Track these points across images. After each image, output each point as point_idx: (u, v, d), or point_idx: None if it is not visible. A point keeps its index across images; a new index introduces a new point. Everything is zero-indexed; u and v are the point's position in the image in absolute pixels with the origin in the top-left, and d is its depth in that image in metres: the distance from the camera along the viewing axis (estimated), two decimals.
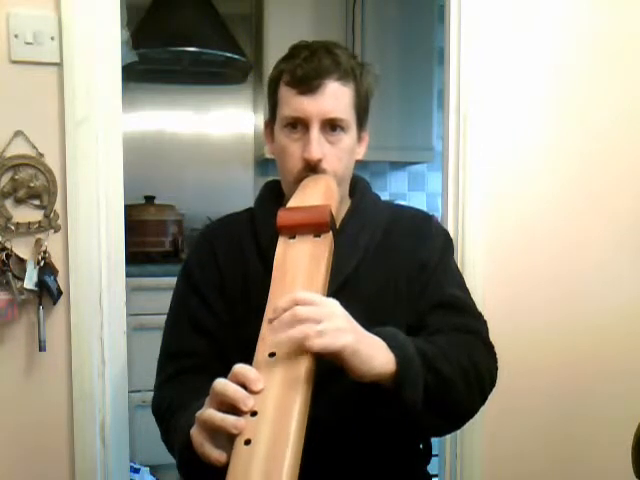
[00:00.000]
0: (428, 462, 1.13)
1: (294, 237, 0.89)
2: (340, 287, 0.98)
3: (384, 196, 1.18)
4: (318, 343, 0.72)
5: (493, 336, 1.08)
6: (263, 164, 3.05)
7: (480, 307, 1.10)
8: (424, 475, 1.11)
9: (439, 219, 1.72)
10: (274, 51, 2.64)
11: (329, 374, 0.77)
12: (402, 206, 1.21)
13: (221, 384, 0.71)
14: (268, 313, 0.79)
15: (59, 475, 1.45)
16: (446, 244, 1.12)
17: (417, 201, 3.30)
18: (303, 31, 2.64)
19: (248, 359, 1.00)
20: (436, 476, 1.72)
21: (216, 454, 0.70)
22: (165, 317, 1.12)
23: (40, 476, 1.45)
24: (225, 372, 0.73)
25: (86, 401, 1.44)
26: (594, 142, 1.71)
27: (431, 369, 0.87)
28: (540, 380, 1.71)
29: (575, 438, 1.74)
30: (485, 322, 1.08)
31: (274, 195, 1.12)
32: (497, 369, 1.03)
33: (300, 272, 0.84)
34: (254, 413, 0.68)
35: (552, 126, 1.69)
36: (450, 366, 0.90)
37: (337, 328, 0.75)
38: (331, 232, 0.90)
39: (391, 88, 2.74)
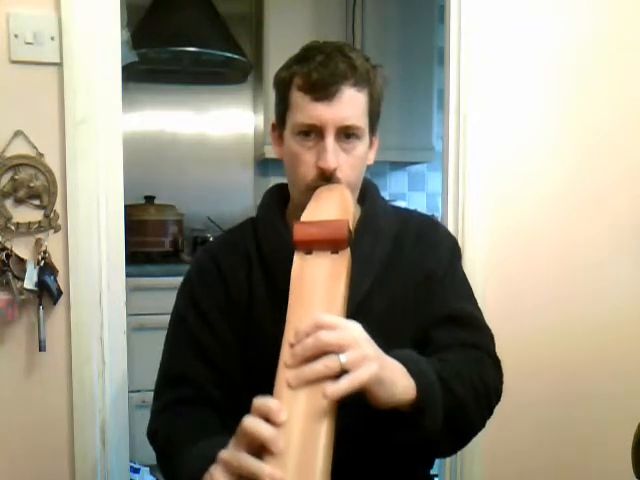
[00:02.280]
0: (432, 466, 1.12)
1: (310, 252, 0.86)
2: (358, 306, 0.95)
3: (384, 196, 1.16)
4: (335, 391, 0.68)
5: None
6: (263, 164, 3.05)
7: (480, 307, 1.10)
8: (425, 477, 1.11)
9: (439, 219, 1.72)
10: (274, 51, 2.65)
11: (347, 398, 0.74)
12: (409, 211, 1.17)
13: (251, 422, 0.68)
14: (289, 335, 0.75)
15: (59, 475, 1.45)
16: (453, 252, 1.09)
17: (417, 201, 3.30)
18: (303, 31, 2.64)
19: (252, 381, 0.99)
20: (436, 476, 1.72)
21: None
22: (165, 318, 1.10)
23: (40, 476, 1.45)
24: (225, 400, 0.69)
25: (86, 401, 1.44)
26: (594, 142, 1.71)
27: (448, 392, 0.85)
28: (540, 380, 1.71)
29: (575, 438, 1.74)
30: (492, 336, 1.05)
31: (277, 202, 1.08)
32: (502, 383, 1.02)
33: (319, 291, 0.81)
34: None
35: (552, 126, 1.69)
36: (464, 388, 0.88)
37: (361, 356, 0.72)
38: (349, 248, 0.87)
39: (391, 88, 2.72)
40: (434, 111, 2.88)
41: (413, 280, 1.03)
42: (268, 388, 0.77)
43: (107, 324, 1.45)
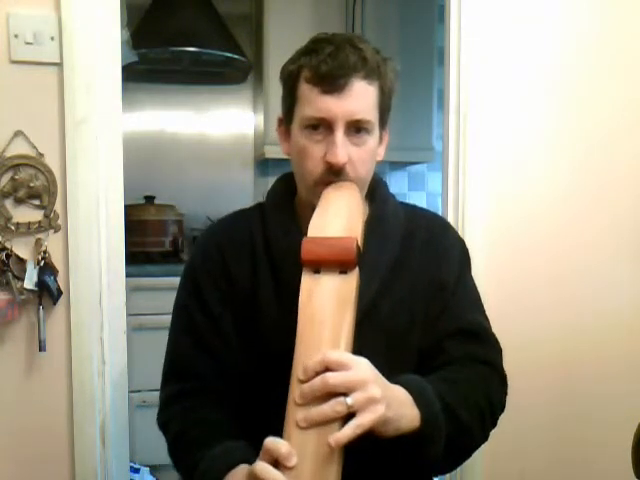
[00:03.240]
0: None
1: (319, 271, 0.85)
2: (364, 311, 0.93)
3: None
4: (340, 440, 0.70)
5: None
6: (263, 164, 3.05)
7: None
8: (426, 477, 1.11)
9: None
10: (274, 51, 2.65)
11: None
12: (415, 208, 1.12)
13: (262, 468, 0.70)
14: (297, 370, 0.76)
15: (59, 475, 1.45)
16: (464, 258, 1.07)
17: (417, 201, 3.29)
18: (303, 31, 2.60)
19: (255, 370, 0.98)
20: (436, 476, 1.71)
21: None
22: (165, 318, 1.10)
23: (40, 476, 1.45)
24: (229, 389, 0.69)
25: (86, 401, 1.44)
26: (594, 142, 1.71)
27: (452, 418, 0.85)
28: (540, 380, 1.71)
29: (575, 438, 1.74)
30: (500, 349, 1.05)
31: (286, 191, 1.06)
32: (507, 394, 1.02)
33: (328, 319, 0.80)
34: None
35: (552, 126, 1.69)
36: (469, 412, 0.89)
37: (368, 398, 0.72)
38: (357, 267, 0.85)
39: None
40: (434, 111, 2.88)
41: (421, 282, 1.01)
42: (270, 378, 0.77)
43: (107, 324, 1.45)
